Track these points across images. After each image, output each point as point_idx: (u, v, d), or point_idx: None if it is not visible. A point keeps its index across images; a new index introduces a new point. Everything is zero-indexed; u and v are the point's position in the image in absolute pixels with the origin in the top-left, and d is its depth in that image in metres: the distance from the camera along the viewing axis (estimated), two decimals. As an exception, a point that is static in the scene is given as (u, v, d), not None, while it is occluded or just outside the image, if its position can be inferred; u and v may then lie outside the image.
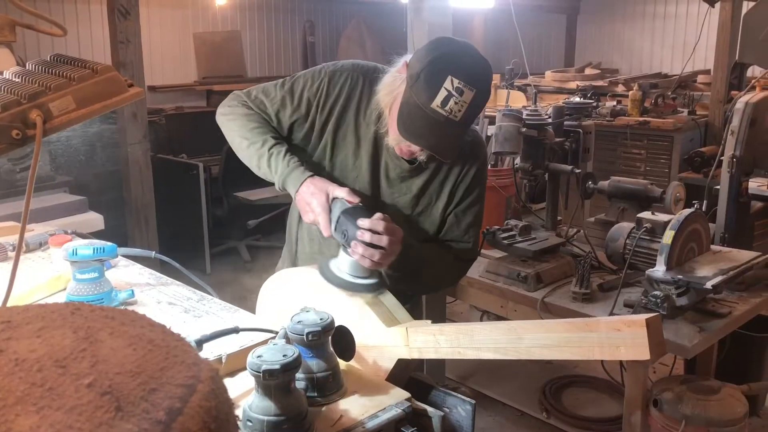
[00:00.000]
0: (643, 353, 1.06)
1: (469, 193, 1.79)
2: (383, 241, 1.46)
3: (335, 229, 1.53)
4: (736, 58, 5.09)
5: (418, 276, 1.72)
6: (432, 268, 1.77)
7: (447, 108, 1.48)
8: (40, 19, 1.21)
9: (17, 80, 1.21)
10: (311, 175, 1.61)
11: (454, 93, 1.47)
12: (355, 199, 1.55)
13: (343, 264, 1.49)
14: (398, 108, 1.55)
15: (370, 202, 1.69)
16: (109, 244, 1.65)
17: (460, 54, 1.55)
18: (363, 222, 1.48)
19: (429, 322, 1.41)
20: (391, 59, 1.70)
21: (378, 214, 1.51)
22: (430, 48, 1.56)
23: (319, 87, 1.73)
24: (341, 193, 1.56)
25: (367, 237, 1.46)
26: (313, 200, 1.57)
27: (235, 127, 1.74)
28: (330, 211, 1.54)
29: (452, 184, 1.77)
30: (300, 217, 1.74)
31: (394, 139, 1.63)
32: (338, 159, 1.76)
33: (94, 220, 3.42)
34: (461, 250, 1.82)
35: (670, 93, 5.63)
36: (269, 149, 1.66)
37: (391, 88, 1.62)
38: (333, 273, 1.49)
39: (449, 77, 1.48)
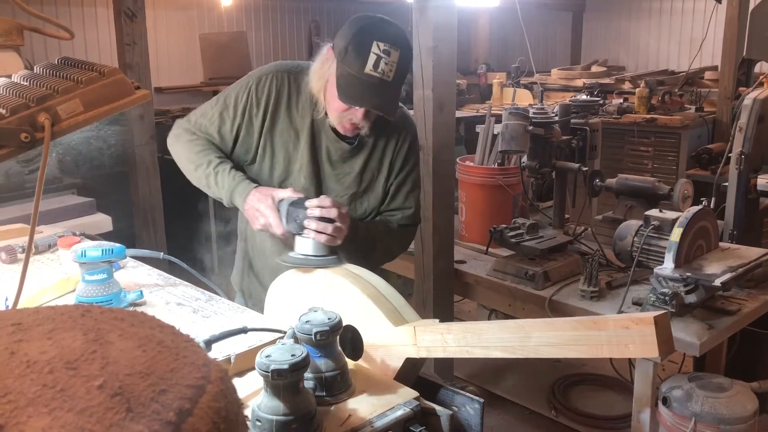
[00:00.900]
0: (652, 351, 1.06)
1: (406, 163, 1.93)
2: (332, 213, 1.59)
3: (287, 222, 1.65)
4: (744, 54, 5.07)
5: (370, 251, 1.83)
6: (382, 240, 1.89)
7: (379, 70, 1.63)
8: (47, 22, 1.22)
9: (25, 83, 1.21)
10: (256, 186, 1.75)
11: (382, 55, 1.63)
12: (300, 195, 1.69)
13: (300, 247, 1.61)
14: (334, 86, 1.69)
15: (315, 186, 1.84)
16: (117, 245, 1.66)
17: (379, 22, 1.70)
18: (311, 202, 1.62)
19: (437, 321, 1.41)
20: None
21: (323, 195, 1.68)
22: (351, 24, 1.71)
23: (249, 94, 1.85)
24: (285, 192, 1.69)
25: (317, 212, 1.59)
26: (260, 205, 1.69)
27: (182, 152, 1.88)
28: (278, 211, 1.67)
29: (390, 157, 1.90)
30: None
31: (335, 117, 1.77)
32: (280, 156, 1.86)
33: (102, 221, 3.43)
34: (405, 216, 1.95)
35: (677, 90, 5.61)
36: (214, 168, 1.80)
37: (321, 73, 1.76)
38: (292, 258, 1.60)
39: (375, 42, 1.63)
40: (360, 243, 1.76)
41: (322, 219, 1.59)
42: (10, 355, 0.54)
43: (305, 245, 1.60)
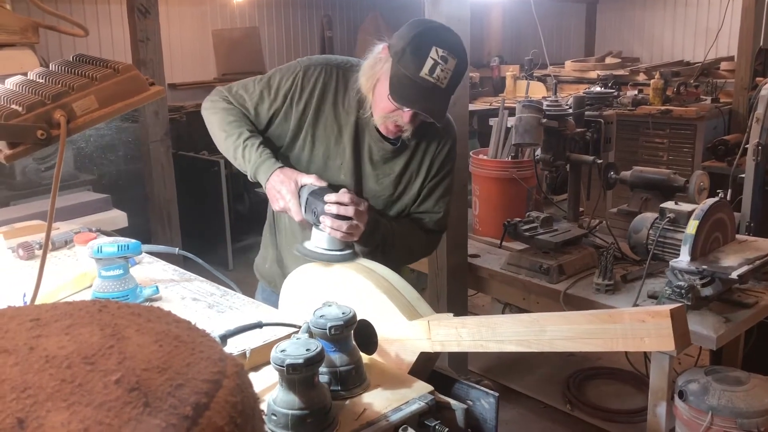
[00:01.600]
0: (668, 344, 1.05)
1: (442, 168, 1.91)
2: (349, 211, 1.59)
3: (305, 211, 1.64)
4: (761, 44, 5.01)
5: (391, 249, 1.80)
6: (403, 240, 1.86)
7: (434, 75, 1.61)
8: (62, 20, 1.23)
9: (41, 81, 1.22)
10: (281, 166, 1.72)
11: (440, 61, 1.61)
12: (323, 183, 1.67)
13: (316, 240, 1.61)
14: (383, 86, 1.67)
15: (355, 184, 1.82)
16: (133, 241, 1.67)
17: (439, 28, 1.69)
18: (330, 197, 1.61)
19: (451, 315, 1.41)
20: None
21: (343, 189, 1.64)
22: (411, 26, 1.69)
23: (294, 81, 1.82)
24: (309, 179, 1.68)
25: (333, 209, 1.58)
26: (282, 188, 1.68)
27: (215, 120, 1.85)
28: (299, 196, 1.66)
29: (429, 160, 1.89)
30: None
31: (380, 118, 1.74)
32: (320, 150, 1.84)
33: (118, 217, 3.46)
34: (433, 220, 1.93)
35: (692, 81, 5.56)
36: (244, 141, 1.78)
37: (372, 72, 1.73)
38: (307, 249, 1.60)
39: (434, 48, 1.61)
40: (380, 240, 1.75)
41: (338, 216, 1.58)
42: (29, 350, 0.55)
43: (321, 238, 1.60)
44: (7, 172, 4.01)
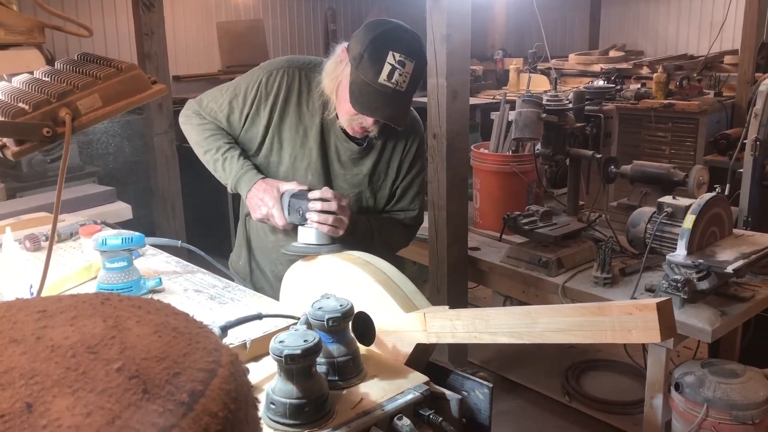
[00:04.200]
0: (654, 336, 1.08)
1: (412, 166, 1.95)
2: (333, 206, 1.64)
3: (289, 213, 1.70)
4: (764, 38, 5.00)
5: (371, 244, 1.84)
6: (382, 235, 1.91)
7: (393, 80, 1.63)
8: (67, 21, 1.26)
9: (47, 79, 1.25)
10: (263, 177, 1.79)
11: (397, 66, 1.63)
12: (303, 187, 1.72)
13: (303, 238, 1.67)
14: (346, 89, 1.69)
15: (324, 185, 1.85)
16: (137, 233, 1.70)
17: (395, 30, 1.69)
18: (313, 194, 1.66)
19: (446, 307, 1.44)
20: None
21: (325, 187, 1.71)
22: (368, 29, 1.69)
23: (258, 87, 1.85)
24: (290, 185, 1.73)
25: (318, 205, 1.64)
26: (265, 195, 1.73)
27: (193, 135, 1.92)
28: (281, 202, 1.72)
29: (398, 159, 1.92)
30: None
31: (345, 119, 1.78)
32: (287, 152, 1.87)
33: (123, 209, 3.49)
34: (408, 216, 1.99)
35: (695, 74, 5.56)
36: (222, 154, 1.84)
37: (335, 74, 1.75)
38: (296, 247, 1.66)
39: (390, 52, 1.62)
40: (359, 236, 1.80)
41: (323, 211, 1.64)
42: (36, 340, 0.59)
43: (308, 235, 1.66)
44: (14, 164, 4.05)
